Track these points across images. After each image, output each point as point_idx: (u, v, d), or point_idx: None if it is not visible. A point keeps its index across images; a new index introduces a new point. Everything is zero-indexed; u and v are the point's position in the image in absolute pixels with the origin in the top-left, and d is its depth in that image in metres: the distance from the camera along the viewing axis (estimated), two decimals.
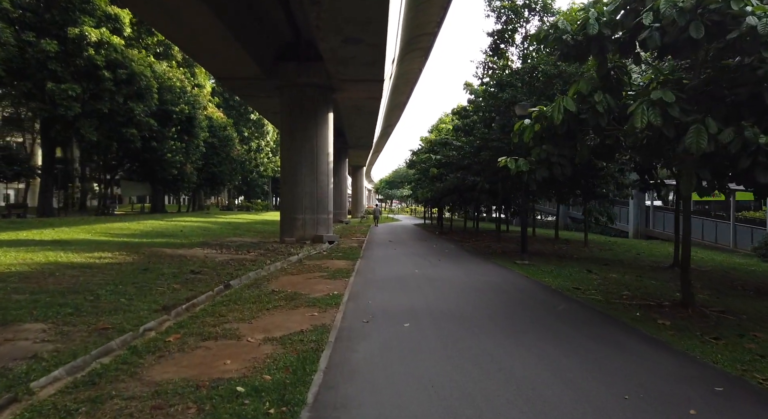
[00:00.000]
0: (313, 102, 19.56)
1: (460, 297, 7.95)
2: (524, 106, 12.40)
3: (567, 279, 10.09)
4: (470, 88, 18.89)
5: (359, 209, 56.99)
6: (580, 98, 7.38)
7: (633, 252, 16.51)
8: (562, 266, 12.36)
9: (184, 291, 8.67)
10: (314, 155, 19.61)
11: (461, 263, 12.95)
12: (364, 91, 21.05)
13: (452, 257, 14.58)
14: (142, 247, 14.52)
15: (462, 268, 11.77)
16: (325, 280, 9.80)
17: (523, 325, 6.14)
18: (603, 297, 8.12)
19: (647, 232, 26.48)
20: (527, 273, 10.72)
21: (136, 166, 32.36)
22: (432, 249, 17.61)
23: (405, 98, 32.47)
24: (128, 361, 4.77)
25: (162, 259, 12.45)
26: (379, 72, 18.17)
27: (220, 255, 14.11)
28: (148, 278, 9.65)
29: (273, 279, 10.09)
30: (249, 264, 12.32)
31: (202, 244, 16.80)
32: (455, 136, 21.84)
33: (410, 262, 13.09)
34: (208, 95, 42.20)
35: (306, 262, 13.20)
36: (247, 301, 7.76)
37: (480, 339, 5.47)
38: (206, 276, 10.28)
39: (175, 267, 11.18)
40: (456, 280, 9.76)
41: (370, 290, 8.64)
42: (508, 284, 9.33)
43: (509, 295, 8.15)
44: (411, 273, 10.87)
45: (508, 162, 7.80)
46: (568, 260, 13.92)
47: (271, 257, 14.05)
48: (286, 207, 19.78)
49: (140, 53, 26.16)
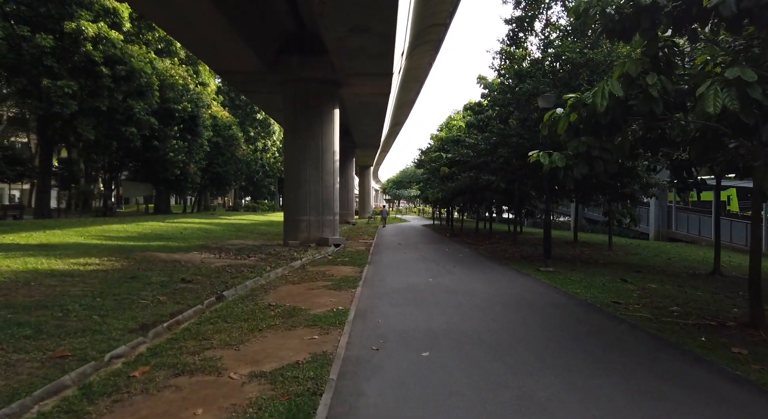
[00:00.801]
0: (317, 98, 18.55)
1: (485, 314, 6.85)
2: (548, 97, 11.27)
3: (601, 290, 8.95)
4: (484, 81, 17.76)
5: (366, 210, 55.97)
6: (626, 82, 6.24)
7: (662, 256, 15.29)
8: (590, 273, 11.21)
9: (169, 305, 7.67)
10: (319, 154, 18.60)
11: (479, 270, 11.83)
12: (372, 87, 19.99)
13: (468, 263, 13.47)
14: (135, 252, 13.58)
15: (481, 276, 10.66)
16: (329, 291, 8.74)
17: (569, 355, 5.03)
18: (651, 314, 6.98)
19: (669, 234, 25.18)
20: (555, 283, 9.59)
21: (138, 166, 31.58)
22: (444, 253, 16.50)
23: (413, 95, 31.35)
24: (73, 409, 3.74)
25: (154, 265, 11.48)
26: (387, 65, 17.10)
27: (217, 260, 13.13)
28: (132, 288, 8.67)
29: (271, 290, 9.05)
30: (247, 270, 11.32)
31: (200, 248, 15.84)
32: (467, 133, 20.72)
33: (423, 269, 12.00)
34: (212, 93, 41.39)
35: (309, 269, 12.16)
36: (239, 318, 6.72)
37: (519, 376, 4.37)
38: (198, 286, 9.28)
39: (166, 275, 10.20)
40: (477, 292, 8.65)
41: (379, 304, 7.57)
42: (537, 297, 8.21)
43: (542, 312, 7.04)
44: (425, 282, 9.78)
45: (540, 157, 6.69)
46: (594, 266, 12.76)
47: (272, 262, 13.04)
48: (290, 208, 18.79)
49: (140, 49, 25.31)
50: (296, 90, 18.42)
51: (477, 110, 18.31)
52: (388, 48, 15.34)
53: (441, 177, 23.69)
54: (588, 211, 35.57)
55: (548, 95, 11.28)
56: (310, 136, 18.48)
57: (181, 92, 30.24)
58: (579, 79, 11.81)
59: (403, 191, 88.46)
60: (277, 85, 18.99)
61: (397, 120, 41.23)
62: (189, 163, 33.52)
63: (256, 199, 65.31)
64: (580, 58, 11.73)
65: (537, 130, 12.48)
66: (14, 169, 32.19)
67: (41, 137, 23.94)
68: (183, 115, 30.59)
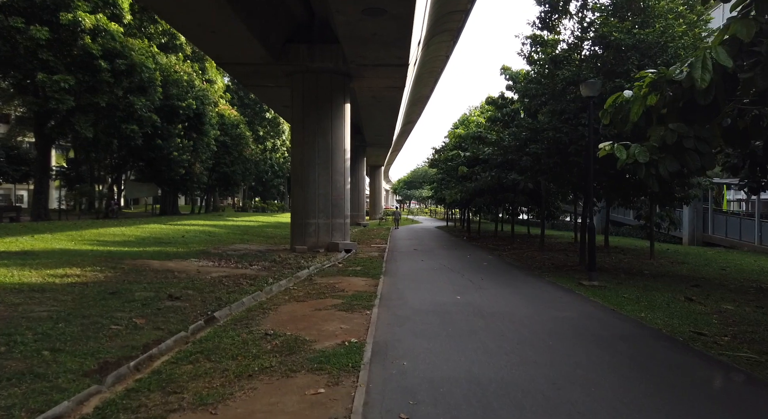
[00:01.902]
0: (327, 91, 17.16)
1: (539, 353, 5.33)
2: (592, 84, 9.71)
3: (668, 313, 7.38)
4: (508, 72, 16.18)
5: (377, 210, 54.53)
6: (734, 49, 4.70)
7: (713, 266, 13.59)
8: (642, 288, 9.62)
9: (146, 331, 6.31)
10: (329, 152, 17.22)
11: (512, 284, 10.29)
12: (385, 79, 18.53)
13: (496, 274, 11.93)
14: (126, 259, 12.28)
15: (517, 293, 9.12)
16: (339, 313, 7.29)
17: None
18: (755, 352, 5.42)
19: (705, 238, 23.33)
20: (609, 303, 8.03)
21: (142, 166, 30.47)
22: (467, 260, 14.97)
23: (428, 90, 29.87)
24: None
25: (142, 276, 10.15)
26: (403, 54, 15.62)
27: (216, 269, 11.78)
28: (108, 308, 7.33)
29: (271, 310, 7.63)
30: (247, 283, 9.93)
31: (199, 254, 14.53)
32: (489, 129, 19.16)
33: (446, 281, 10.49)
34: (220, 91, 40.26)
35: (317, 280, 10.73)
36: (226, 355, 5.30)
37: None
38: (187, 304, 7.90)
39: (153, 289, 8.85)
40: (519, 316, 7.12)
41: (402, 335, 6.09)
42: (595, 324, 6.65)
43: (612, 349, 5.49)
44: (452, 300, 8.28)
45: (615, 150, 5.17)
46: (641, 278, 11.15)
47: (275, 272, 11.64)
48: (298, 210, 17.42)
49: (142, 43, 24.11)
50: (304, 82, 17.05)
51: (500, 104, 16.73)
52: (404, 33, 13.86)
53: (458, 177, 22.14)
54: (612, 213, 33.71)
55: (592, 81, 9.71)
56: (320, 132, 17.10)
57: (185, 89, 29.04)
58: (627, 64, 10.22)
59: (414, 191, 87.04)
60: (285, 78, 17.64)
61: (410, 118, 39.74)
62: (195, 162, 32.37)
63: (266, 199, 64.25)
64: (629, 39, 10.13)
65: (577, 122, 10.92)
66: (19, 169, 31.33)
67: (38, 135, 22.85)
68: (188, 113, 29.39)
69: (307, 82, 17.02)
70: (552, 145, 11.30)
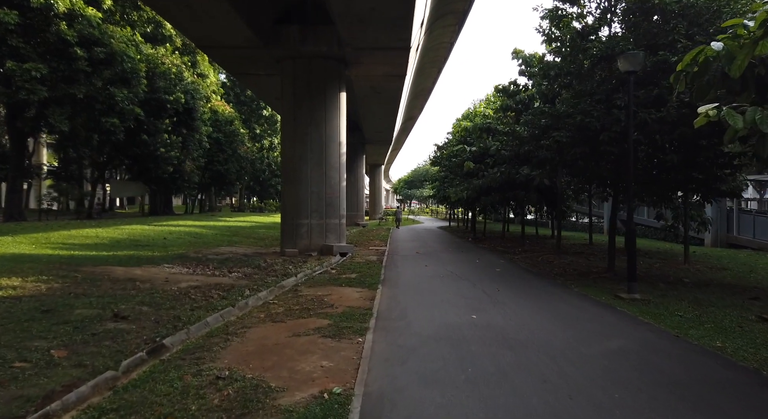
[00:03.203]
0: (321, 78, 15.53)
1: (606, 415, 3.67)
2: (634, 56, 8.04)
3: (748, 340, 5.70)
4: (521, 55, 14.54)
5: (377, 210, 52.81)
6: None
7: (760, 272, 11.90)
8: (694, 302, 7.95)
9: (62, 370, 4.71)
10: (323, 145, 15.58)
11: (536, 296, 8.62)
12: (385, 65, 16.86)
13: (513, 282, 10.26)
14: (86, 266, 10.64)
15: (546, 310, 7.44)
16: (322, 341, 5.63)
17: None
18: None
19: (730, 240, 21.62)
20: (666, 325, 6.35)
21: (128, 163, 28.82)
22: (476, 265, 13.30)
23: (431, 83, 28.18)
24: None
25: (96, 287, 8.52)
26: (404, 34, 13.96)
27: (188, 277, 10.14)
28: (28, 332, 5.75)
29: (238, 335, 5.98)
30: (218, 296, 8.28)
31: (177, 259, 12.89)
32: (497, 120, 17.47)
33: (456, 293, 8.83)
34: (213, 86, 38.62)
35: (303, 291, 9.08)
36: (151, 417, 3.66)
37: None
38: (134, 326, 6.27)
39: (99, 305, 7.22)
40: (559, 347, 5.43)
41: (405, 381, 4.40)
42: (665, 361, 4.94)
43: (711, 409, 3.83)
44: (467, 322, 6.60)
45: (726, 115, 3.52)
46: (685, 288, 9.47)
47: (257, 281, 10.00)
48: (289, 210, 15.79)
49: (124, 30, 22.44)
50: (296, 68, 15.41)
51: (512, 91, 15.05)
52: (406, 9, 12.22)
53: (464, 173, 20.45)
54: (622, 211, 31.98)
55: (633, 53, 8.04)
56: (313, 124, 15.47)
57: (174, 82, 27.38)
58: (673, 34, 8.55)
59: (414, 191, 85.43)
60: (275, 65, 16.00)
61: (411, 113, 38.07)
62: (185, 159, 30.71)
63: (263, 199, 62.60)
64: (675, 4, 8.47)
65: (611, 104, 9.26)
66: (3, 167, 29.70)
67: (10, 129, 21.21)
68: (176, 107, 27.74)
69: (298, 69, 15.39)
70: (578, 133, 9.63)
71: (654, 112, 8.48)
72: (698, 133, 8.60)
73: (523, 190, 17.53)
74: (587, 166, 10.12)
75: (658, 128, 8.67)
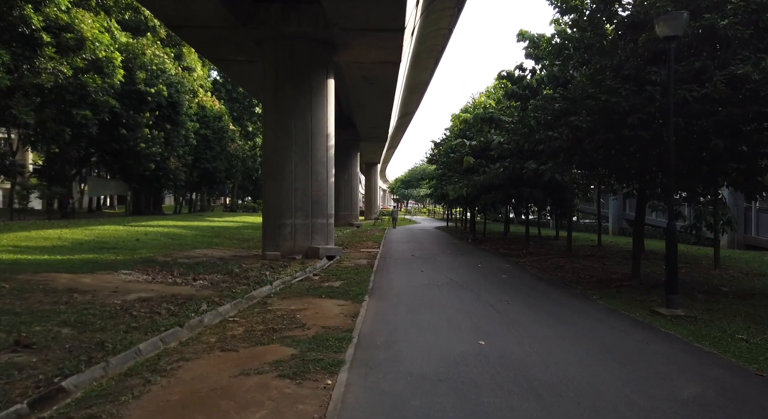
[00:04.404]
0: (306, 63, 14.03)
1: None
2: (676, 17, 6.56)
3: None
4: (527, 36, 13.04)
5: (373, 210, 51.27)
6: None
7: None
8: (751, 320, 6.48)
9: None
10: (308, 137, 14.07)
11: (556, 313, 7.11)
12: (378, 49, 15.32)
13: (525, 292, 8.75)
14: (24, 272, 9.08)
15: (573, 333, 5.93)
16: (278, 383, 4.10)
17: None
18: None
19: (748, 241, 20.21)
20: (741, 359, 4.80)
21: (108, 160, 27.19)
22: (479, 271, 11.81)
23: (427, 75, 26.67)
24: None
25: (21, 300, 6.99)
26: (398, 13, 12.43)
27: (143, 286, 8.61)
28: None
29: (167, 373, 4.44)
30: (168, 311, 6.76)
31: (140, 263, 11.35)
32: (499, 111, 15.95)
33: (458, 308, 7.31)
34: (200, 80, 36.99)
35: (274, 305, 7.56)
36: None
37: None
38: (35, 358, 4.75)
39: (9, 326, 5.71)
40: (609, 398, 3.88)
41: None
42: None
43: None
44: (474, 351, 5.08)
45: None
46: (727, 300, 7.99)
47: (224, 290, 8.48)
48: (271, 209, 14.31)
49: (98, 16, 20.84)
50: (278, 52, 13.91)
51: (517, 78, 13.55)
52: None
53: (463, 169, 18.95)
54: (629, 210, 30.61)
55: (676, 13, 6.56)
56: (297, 113, 13.97)
57: (155, 73, 25.78)
58: None
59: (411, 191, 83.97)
60: (256, 48, 14.49)
61: (407, 109, 36.56)
62: (169, 156, 29.10)
63: (257, 198, 60.99)
64: None
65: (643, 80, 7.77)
66: None
67: None
68: (159, 101, 26.14)
69: (281, 52, 13.90)
70: (600, 116, 8.15)
71: (696, 89, 7.00)
72: (747, 115, 7.15)
73: (529, 186, 16.05)
74: (609, 156, 8.63)
75: (699, 109, 7.19)
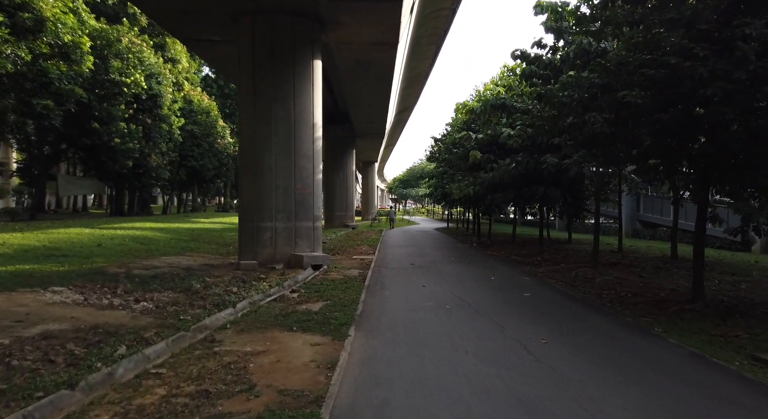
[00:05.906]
0: (289, 41, 12.02)
1: None
2: None
3: None
4: (547, 6, 11.02)
5: (370, 210, 49.21)
6: None
7: None
8: None
9: None
10: (291, 127, 12.06)
11: (620, 365, 5.08)
12: (372, 26, 13.29)
13: (562, 323, 6.72)
14: None
15: (660, 408, 3.95)
16: None
17: None
18: None
19: None
20: None
21: (82, 156, 25.10)
22: (492, 285, 9.78)
23: (427, 65, 24.64)
24: None
25: None
26: None
27: (65, 311, 6.55)
28: None
29: None
30: (67, 360, 4.72)
31: (84, 276, 9.28)
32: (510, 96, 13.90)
33: (478, 351, 5.29)
34: (186, 72, 34.90)
35: (224, 345, 5.51)
36: None
37: None
38: None
39: None
40: None
41: None
42: None
43: None
44: None
45: None
46: None
47: (168, 318, 6.43)
48: (248, 209, 12.29)
49: None
50: (256, 27, 11.91)
51: (534, 57, 11.50)
52: None
53: (469, 165, 16.88)
54: (643, 211, 28.59)
55: None
56: (278, 99, 11.96)
57: (132, 62, 23.69)
58: None
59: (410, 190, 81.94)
60: (231, 25, 12.48)
61: (406, 104, 34.54)
62: (150, 153, 27.01)
63: None
64: None
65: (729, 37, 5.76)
66: None
67: None
68: (137, 92, 24.05)
69: (259, 28, 11.89)
70: (662, 90, 6.13)
71: None
72: None
73: (544, 184, 14.05)
74: (671, 142, 6.61)
75: None
